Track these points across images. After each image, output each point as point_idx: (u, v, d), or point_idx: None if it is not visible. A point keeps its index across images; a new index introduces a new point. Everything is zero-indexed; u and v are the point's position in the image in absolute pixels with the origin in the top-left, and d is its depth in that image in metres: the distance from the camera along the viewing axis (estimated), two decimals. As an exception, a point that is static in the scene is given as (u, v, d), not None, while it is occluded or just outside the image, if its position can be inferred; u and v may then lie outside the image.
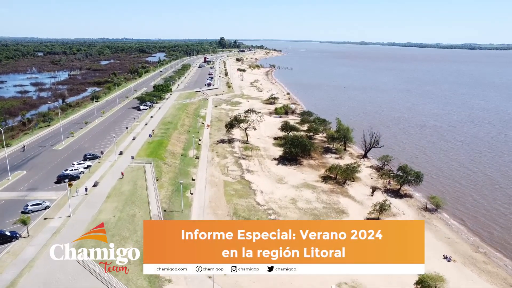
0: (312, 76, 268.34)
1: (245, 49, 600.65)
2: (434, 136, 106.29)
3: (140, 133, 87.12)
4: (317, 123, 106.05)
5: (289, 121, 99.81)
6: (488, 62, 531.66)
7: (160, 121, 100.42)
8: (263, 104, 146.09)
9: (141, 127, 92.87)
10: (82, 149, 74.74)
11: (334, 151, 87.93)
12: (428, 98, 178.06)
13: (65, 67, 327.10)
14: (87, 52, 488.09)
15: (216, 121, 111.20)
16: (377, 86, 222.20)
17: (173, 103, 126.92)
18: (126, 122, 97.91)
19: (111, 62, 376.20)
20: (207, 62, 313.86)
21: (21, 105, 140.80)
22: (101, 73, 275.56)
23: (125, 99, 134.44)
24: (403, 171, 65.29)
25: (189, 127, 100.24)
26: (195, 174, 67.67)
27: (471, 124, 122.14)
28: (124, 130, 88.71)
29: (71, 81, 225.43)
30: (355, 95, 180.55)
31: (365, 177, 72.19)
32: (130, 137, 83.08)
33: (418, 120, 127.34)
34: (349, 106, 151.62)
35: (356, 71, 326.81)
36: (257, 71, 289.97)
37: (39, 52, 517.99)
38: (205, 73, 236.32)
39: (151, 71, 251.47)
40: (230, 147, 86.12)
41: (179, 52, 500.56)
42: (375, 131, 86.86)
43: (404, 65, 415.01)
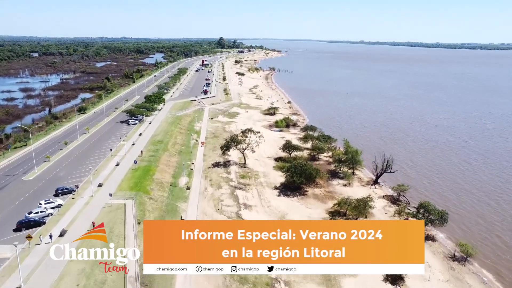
0: (313, 80, 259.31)
1: (244, 50, 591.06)
2: (450, 154, 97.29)
3: (126, 157, 77.86)
4: (322, 141, 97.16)
5: (291, 140, 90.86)
6: (491, 63, 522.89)
7: (149, 139, 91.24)
8: (262, 114, 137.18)
9: (128, 148, 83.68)
10: (56, 179, 65.57)
11: (342, 175, 78.94)
12: (436, 106, 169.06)
13: (59, 69, 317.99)
14: (83, 53, 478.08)
15: (211, 137, 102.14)
16: (382, 92, 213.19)
17: (166, 116, 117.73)
18: (112, 141, 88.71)
19: (107, 64, 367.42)
20: (204, 65, 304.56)
21: (3, 115, 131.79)
22: (95, 76, 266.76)
23: (114, 111, 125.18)
24: (425, 210, 56.25)
25: (182, 146, 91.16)
26: (185, 211, 58.70)
27: (488, 139, 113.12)
28: (107, 153, 79.35)
29: (62, 86, 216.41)
30: (359, 103, 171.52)
31: (378, 211, 63.20)
32: (113, 162, 73.83)
33: (429, 133, 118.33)
34: (354, 116, 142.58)
35: (358, 74, 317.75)
36: (257, 74, 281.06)
37: (35, 52, 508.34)
38: (202, 77, 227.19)
39: (146, 75, 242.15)
40: (225, 172, 77.10)
41: (177, 53, 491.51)
42: (387, 153, 77.79)
43: (407, 67, 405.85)
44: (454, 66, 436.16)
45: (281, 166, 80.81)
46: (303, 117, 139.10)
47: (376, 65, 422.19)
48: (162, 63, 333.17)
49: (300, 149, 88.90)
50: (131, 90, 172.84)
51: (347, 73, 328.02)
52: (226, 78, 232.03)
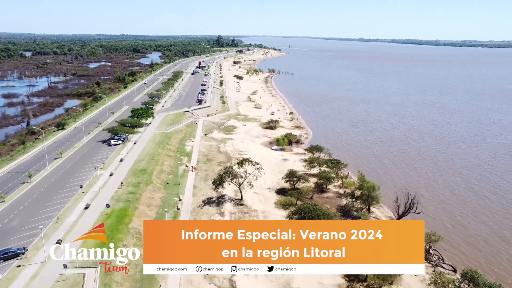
0: (315, 84, 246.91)
1: (243, 49, 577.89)
2: (474, 182, 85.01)
3: (99, 194, 65.28)
4: (330, 166, 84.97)
5: (295, 171, 78.19)
6: (496, 63, 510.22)
7: (131, 167, 78.70)
8: (262, 128, 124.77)
9: (104, 180, 71.18)
10: (5, 232, 52.91)
11: (355, 213, 66.74)
12: (447, 115, 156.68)
13: (49, 71, 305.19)
14: (78, 53, 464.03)
15: (204, 160, 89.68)
16: (387, 97, 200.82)
17: (154, 134, 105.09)
18: (87, 171, 76.00)
19: (101, 66, 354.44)
20: (201, 67, 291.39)
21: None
22: (86, 79, 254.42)
23: (97, 126, 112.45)
24: (473, 283, 43.68)
25: (169, 175, 78.68)
26: (165, 280, 46.30)
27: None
28: (77, 190, 66.67)
29: (49, 91, 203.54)
30: (364, 112, 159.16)
31: (409, 277, 50.68)
32: (83, 203, 61.29)
33: (445, 152, 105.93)
34: (361, 130, 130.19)
35: (361, 76, 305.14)
36: (256, 77, 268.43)
37: (28, 51, 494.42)
38: (198, 82, 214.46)
39: (139, 79, 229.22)
40: (218, 212, 64.77)
41: (174, 53, 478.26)
42: (410, 191, 65.48)
43: (411, 68, 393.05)
44: (459, 67, 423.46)
45: (284, 202, 68.77)
46: (307, 130, 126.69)
47: (379, 66, 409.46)
48: (158, 65, 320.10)
49: (306, 179, 76.51)
50: (120, 98, 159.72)
51: (349, 75, 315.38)
52: (223, 83, 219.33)
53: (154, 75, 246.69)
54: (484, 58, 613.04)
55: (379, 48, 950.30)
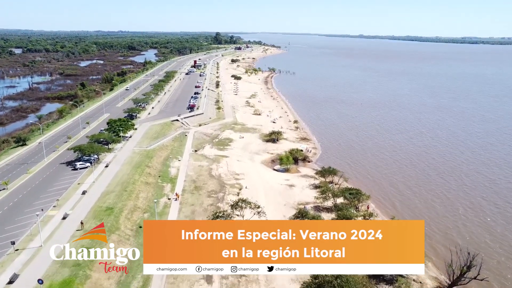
0: (318, 85, 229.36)
1: (242, 46, 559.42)
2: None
3: (38, 255, 47.37)
4: (348, 197, 67.60)
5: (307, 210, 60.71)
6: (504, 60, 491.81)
7: (94, 204, 60.80)
8: (262, 141, 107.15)
9: (53, 227, 53.42)
10: None
11: (389, 276, 49.28)
12: (472, 122, 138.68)
13: (36, 70, 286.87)
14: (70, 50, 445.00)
15: (191, 189, 71.89)
16: (399, 100, 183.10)
17: (133, 152, 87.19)
18: (34, 210, 57.86)
19: (92, 64, 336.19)
20: (196, 66, 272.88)
21: None
22: (73, 79, 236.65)
23: (66, 141, 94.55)
24: None
25: (144, 213, 61.00)
26: None
27: None
28: (7, 248, 48.36)
29: (28, 94, 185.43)
30: (377, 119, 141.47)
31: None
32: (9, 273, 43.24)
33: (490, 177, 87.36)
34: (376, 143, 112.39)
35: (367, 76, 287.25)
36: (255, 77, 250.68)
37: (19, 49, 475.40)
38: (192, 83, 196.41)
39: (128, 80, 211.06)
40: (204, 279, 47.20)
41: (171, 50, 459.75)
42: (470, 247, 47.98)
43: (418, 67, 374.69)
44: (467, 65, 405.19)
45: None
46: (314, 144, 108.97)
47: (384, 64, 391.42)
48: (152, 63, 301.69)
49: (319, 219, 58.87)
50: (99, 105, 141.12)
51: (354, 74, 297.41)
52: (219, 84, 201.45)
53: (145, 75, 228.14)
54: (488, 56, 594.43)
55: (380, 45, 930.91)
